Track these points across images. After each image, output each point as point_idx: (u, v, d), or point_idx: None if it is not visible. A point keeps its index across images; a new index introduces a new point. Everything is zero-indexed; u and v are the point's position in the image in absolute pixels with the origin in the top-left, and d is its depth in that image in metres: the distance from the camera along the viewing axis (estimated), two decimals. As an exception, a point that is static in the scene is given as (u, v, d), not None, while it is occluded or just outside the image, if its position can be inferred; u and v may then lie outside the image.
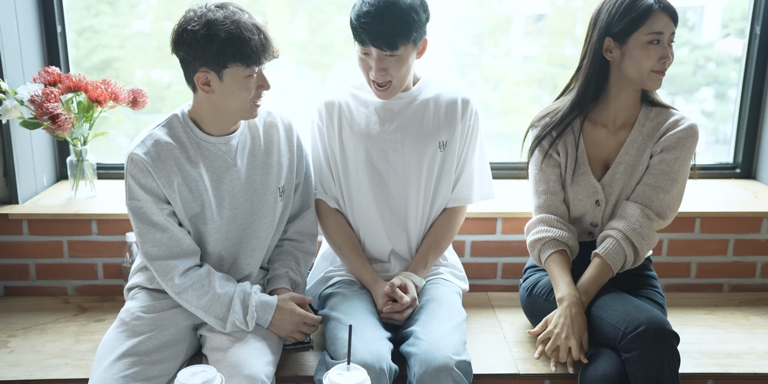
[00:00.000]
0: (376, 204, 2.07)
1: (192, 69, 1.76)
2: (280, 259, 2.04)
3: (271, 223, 1.97)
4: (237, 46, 1.69)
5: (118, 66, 2.86)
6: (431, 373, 1.72)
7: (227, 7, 1.73)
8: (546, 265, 1.99)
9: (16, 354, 2.05)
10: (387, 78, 1.92)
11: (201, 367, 1.46)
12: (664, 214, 1.95)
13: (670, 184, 1.95)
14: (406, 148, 2.04)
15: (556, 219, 2.01)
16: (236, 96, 1.77)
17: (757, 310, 2.39)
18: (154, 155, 1.80)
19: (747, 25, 2.77)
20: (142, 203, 1.82)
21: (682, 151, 1.95)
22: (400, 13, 1.84)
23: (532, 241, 2.02)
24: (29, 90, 2.30)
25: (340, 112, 2.05)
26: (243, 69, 1.73)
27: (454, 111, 2.05)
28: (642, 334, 1.74)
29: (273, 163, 1.95)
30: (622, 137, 2.01)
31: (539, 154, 2.05)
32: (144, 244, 1.84)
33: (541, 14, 3.03)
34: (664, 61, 1.89)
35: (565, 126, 2.01)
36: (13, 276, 2.44)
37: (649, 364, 1.73)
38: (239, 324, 1.84)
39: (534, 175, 2.07)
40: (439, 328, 1.83)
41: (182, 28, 1.72)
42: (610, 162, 2.03)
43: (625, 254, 1.93)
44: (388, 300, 1.97)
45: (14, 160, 2.41)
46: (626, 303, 1.85)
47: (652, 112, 2.00)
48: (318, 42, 2.88)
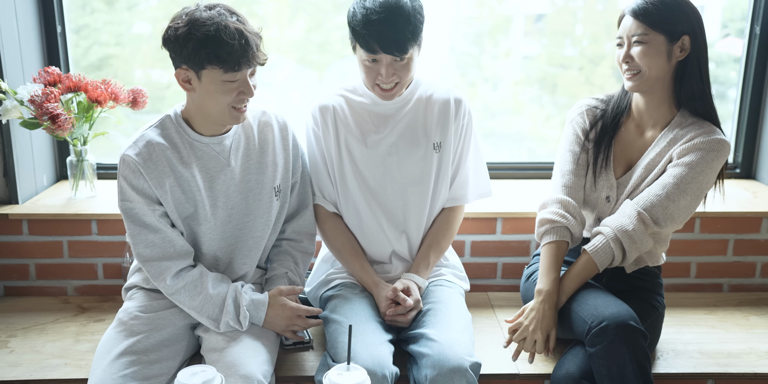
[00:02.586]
0: (374, 207, 2.06)
1: (175, 65, 1.77)
2: (278, 259, 2.03)
3: (267, 223, 1.97)
4: (212, 48, 1.69)
5: (116, 64, 2.86)
6: (445, 374, 1.71)
7: (216, 9, 1.73)
8: (542, 250, 1.98)
9: (16, 354, 2.05)
10: (395, 82, 1.92)
11: (201, 367, 1.46)
12: (662, 222, 1.91)
13: (678, 194, 1.89)
14: (400, 151, 2.03)
15: (574, 205, 1.99)
16: (214, 98, 1.76)
17: (757, 310, 2.39)
18: (145, 156, 1.80)
19: (747, 25, 2.77)
20: (134, 204, 1.82)
21: (699, 163, 1.88)
22: (407, 17, 1.83)
23: (543, 219, 2.00)
24: (29, 90, 2.30)
25: (335, 116, 2.04)
26: (221, 73, 1.72)
27: (447, 111, 2.04)
28: (604, 329, 1.75)
29: (268, 162, 1.94)
30: (649, 140, 2.00)
31: (577, 132, 2.04)
32: (136, 245, 1.84)
33: (541, 14, 3.03)
34: (622, 63, 1.90)
35: (615, 110, 2.01)
36: (13, 276, 2.44)
37: (612, 359, 1.74)
38: (233, 324, 1.83)
39: (563, 154, 2.06)
40: (451, 330, 1.83)
41: (169, 25, 1.74)
42: (633, 162, 2.02)
43: (613, 254, 1.92)
44: (391, 303, 1.97)
45: (14, 160, 2.41)
46: (597, 298, 1.86)
47: (688, 121, 1.95)
48: (314, 40, 2.88)
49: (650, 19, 1.86)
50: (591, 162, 2.03)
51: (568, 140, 2.06)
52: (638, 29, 1.87)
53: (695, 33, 1.87)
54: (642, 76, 1.90)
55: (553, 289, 1.91)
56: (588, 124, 2.04)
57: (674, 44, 1.87)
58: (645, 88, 1.93)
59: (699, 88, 1.92)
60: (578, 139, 2.04)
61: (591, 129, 2.04)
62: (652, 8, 1.86)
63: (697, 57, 1.89)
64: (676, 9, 1.86)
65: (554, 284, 1.92)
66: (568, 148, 2.05)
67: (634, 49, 1.88)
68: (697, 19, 1.88)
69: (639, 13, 1.87)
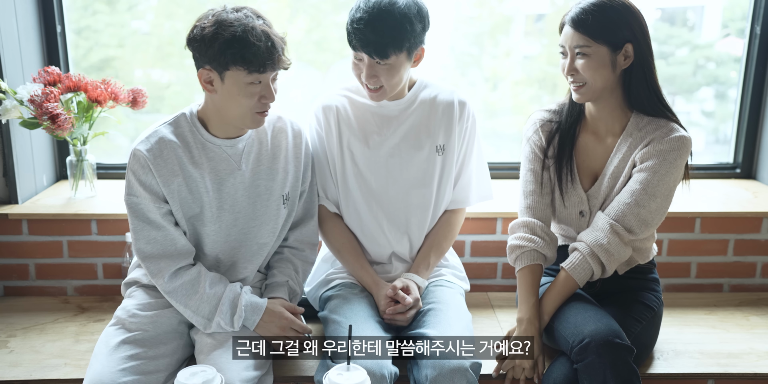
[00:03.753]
0: (374, 208, 2.06)
1: (198, 66, 1.77)
2: (279, 266, 2.02)
3: (273, 230, 1.96)
4: (238, 49, 1.69)
5: (117, 65, 2.86)
6: (446, 374, 1.72)
7: (244, 10, 1.74)
8: (518, 277, 1.98)
9: (16, 354, 2.04)
10: (378, 84, 1.91)
11: (201, 367, 1.46)
12: (636, 229, 1.89)
13: (647, 198, 1.87)
14: (403, 152, 2.03)
15: (540, 226, 1.98)
16: (236, 101, 1.76)
17: (757, 310, 2.39)
18: (156, 153, 1.80)
19: (747, 25, 2.76)
20: (140, 200, 1.82)
21: (662, 165, 1.86)
22: (393, 22, 1.82)
23: (512, 246, 2.00)
24: (29, 90, 2.30)
25: (338, 117, 2.04)
26: (245, 74, 1.72)
27: (450, 114, 2.04)
28: (585, 347, 1.75)
29: (279, 169, 1.94)
30: (609, 146, 1.98)
31: (534, 150, 2.02)
32: (138, 241, 1.84)
33: (541, 14, 3.03)
34: (567, 75, 1.89)
35: (569, 120, 1.99)
36: (13, 276, 2.44)
37: (592, 376, 1.73)
38: (224, 325, 1.82)
39: (524, 174, 2.05)
40: (451, 330, 1.83)
41: (195, 25, 1.74)
42: (598, 172, 2.00)
43: (592, 270, 1.91)
44: (390, 301, 1.97)
45: (14, 160, 2.41)
46: (578, 314, 1.86)
47: (644, 121, 1.92)
48: (312, 38, 2.88)
49: (590, 30, 1.82)
50: (555, 179, 2.01)
51: (528, 159, 2.04)
52: (580, 40, 1.83)
53: (637, 39, 1.84)
54: (588, 87, 1.87)
55: (534, 315, 1.91)
56: (544, 140, 2.01)
57: (618, 53, 1.84)
58: (593, 98, 1.91)
59: (646, 93, 1.89)
60: (537, 157, 2.02)
61: (548, 146, 2.01)
62: (591, 19, 1.81)
63: (641, 63, 1.86)
64: (616, 17, 1.81)
65: (534, 309, 1.92)
66: (528, 167, 2.03)
67: (578, 61, 1.85)
68: (639, 24, 1.84)
69: (579, 24, 1.83)
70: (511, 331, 1.96)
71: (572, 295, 1.96)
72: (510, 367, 1.89)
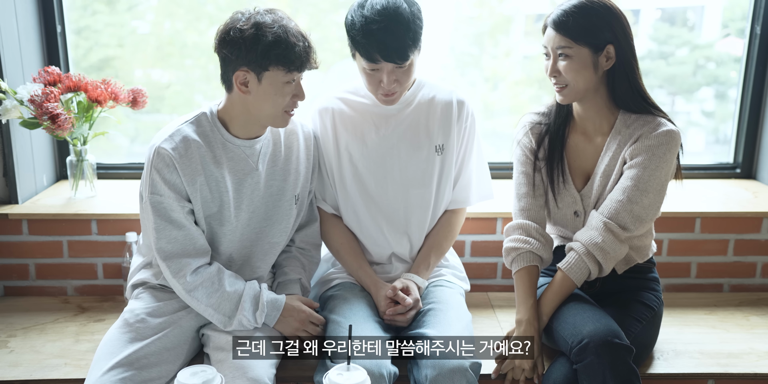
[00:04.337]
0: (373, 209, 2.06)
1: (232, 68, 1.77)
2: (289, 264, 2.03)
3: (285, 230, 1.98)
4: (282, 49, 1.71)
5: (117, 65, 2.86)
6: (445, 374, 1.72)
7: (276, 13, 1.77)
8: (515, 279, 1.99)
9: (16, 354, 2.04)
10: (398, 88, 1.91)
11: (201, 367, 1.46)
12: (630, 226, 1.89)
13: (640, 194, 1.87)
14: (402, 153, 2.03)
15: (535, 227, 1.98)
16: (271, 101, 1.78)
17: (757, 310, 2.39)
18: (181, 151, 1.80)
19: (747, 25, 2.76)
20: (164, 199, 1.81)
21: (652, 160, 1.86)
22: (407, 24, 1.81)
23: (508, 248, 2.00)
24: (29, 90, 2.30)
25: (334, 119, 2.04)
26: (283, 74, 1.75)
27: (449, 113, 2.03)
28: (584, 347, 1.75)
29: (291, 170, 1.96)
30: (599, 146, 1.98)
31: (525, 153, 2.03)
32: (159, 240, 1.82)
33: (541, 14, 3.03)
34: (550, 77, 1.90)
35: (558, 122, 1.99)
36: (13, 276, 2.44)
37: (592, 376, 1.74)
38: (246, 322, 1.83)
39: (516, 177, 2.05)
40: (451, 330, 1.83)
41: (229, 28, 1.74)
42: (590, 171, 2.00)
43: (588, 269, 1.91)
44: (390, 302, 1.96)
45: (14, 160, 2.41)
46: (577, 315, 1.86)
47: (631, 119, 1.93)
48: (312, 38, 2.88)
49: (572, 32, 1.82)
50: (547, 181, 2.02)
51: (519, 162, 2.05)
52: (561, 42, 1.84)
53: (619, 41, 1.84)
54: (570, 89, 1.88)
55: (532, 316, 1.91)
56: (534, 143, 2.02)
57: (599, 55, 1.84)
58: (576, 99, 1.91)
59: (630, 93, 1.90)
60: (528, 160, 2.02)
61: (539, 148, 2.01)
62: (572, 21, 1.82)
63: (623, 63, 1.86)
64: (597, 18, 1.81)
65: (532, 310, 1.92)
66: (520, 170, 2.04)
67: (560, 63, 1.85)
68: (621, 25, 1.84)
69: (560, 26, 1.83)
70: (511, 332, 1.96)
71: (571, 295, 1.96)
72: (510, 368, 1.89)
